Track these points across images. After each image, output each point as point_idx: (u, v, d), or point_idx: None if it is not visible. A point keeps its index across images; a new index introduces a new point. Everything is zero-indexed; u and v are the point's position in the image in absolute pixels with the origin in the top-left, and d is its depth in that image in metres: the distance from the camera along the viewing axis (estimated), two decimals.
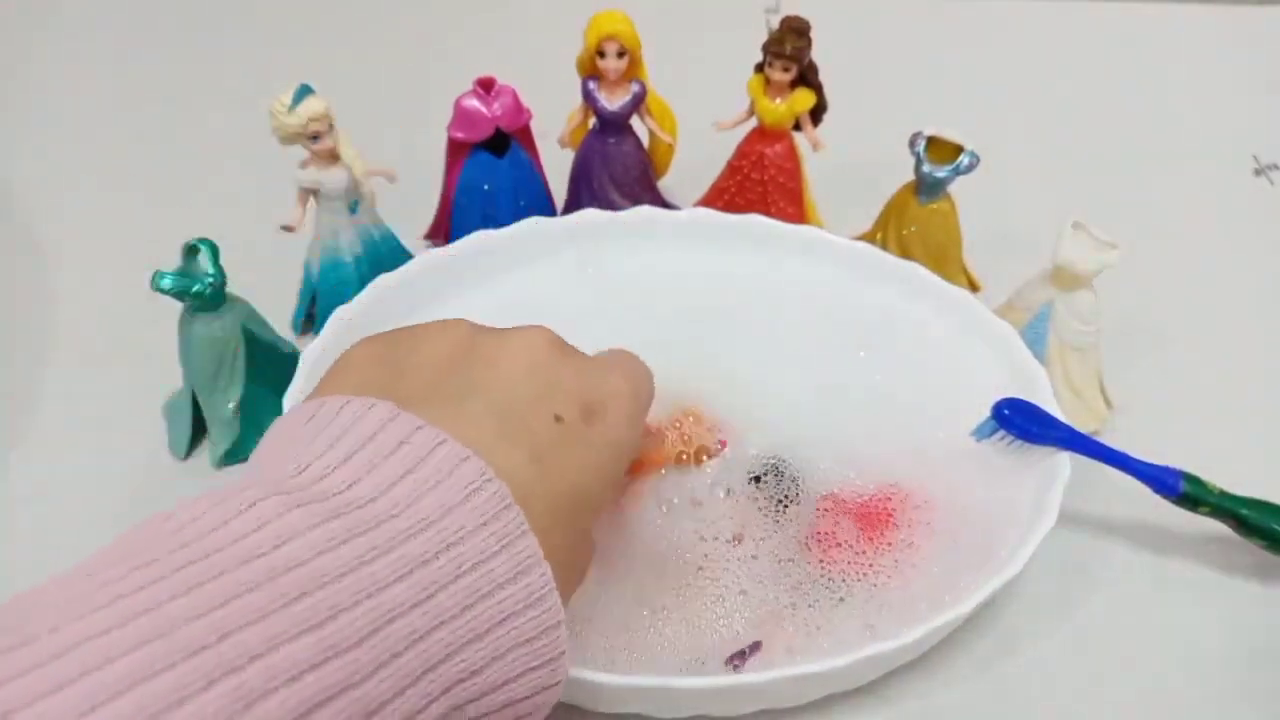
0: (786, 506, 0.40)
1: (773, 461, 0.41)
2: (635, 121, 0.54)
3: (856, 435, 0.43)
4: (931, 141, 0.49)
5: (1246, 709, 0.38)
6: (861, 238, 0.53)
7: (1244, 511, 0.37)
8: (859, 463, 0.42)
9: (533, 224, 0.49)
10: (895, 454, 0.42)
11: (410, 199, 0.55)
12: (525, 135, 0.54)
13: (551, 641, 0.25)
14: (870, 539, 0.39)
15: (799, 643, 0.36)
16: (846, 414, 0.43)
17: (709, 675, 0.34)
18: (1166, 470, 0.38)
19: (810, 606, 0.37)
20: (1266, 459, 0.47)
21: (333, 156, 0.47)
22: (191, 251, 0.43)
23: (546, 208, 0.56)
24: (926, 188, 0.50)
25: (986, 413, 0.41)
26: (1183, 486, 0.37)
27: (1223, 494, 0.38)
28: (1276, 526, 0.38)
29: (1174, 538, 0.44)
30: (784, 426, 0.43)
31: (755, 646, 0.36)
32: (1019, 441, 0.39)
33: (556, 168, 0.56)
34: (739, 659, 0.35)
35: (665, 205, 0.55)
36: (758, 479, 0.41)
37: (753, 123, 0.53)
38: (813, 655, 0.35)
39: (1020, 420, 0.39)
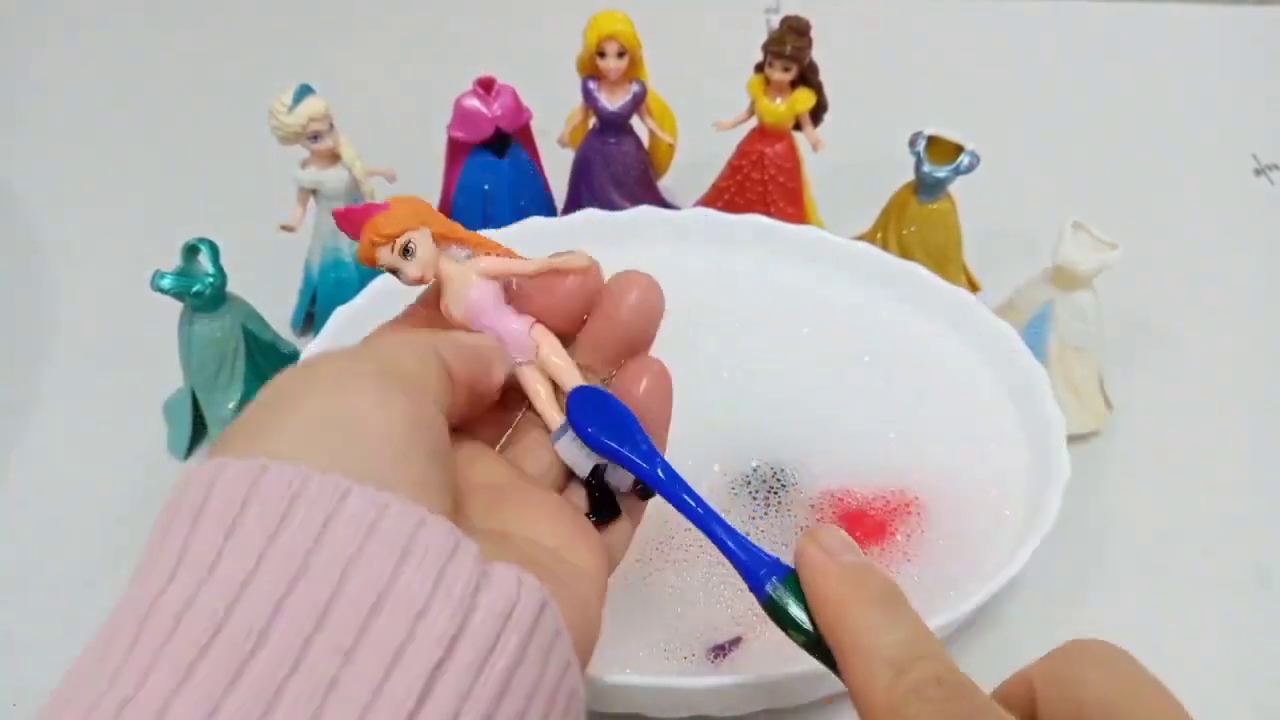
0: (781, 510, 0.40)
1: (769, 465, 0.41)
2: (635, 121, 0.54)
3: (855, 436, 0.43)
4: (932, 141, 0.49)
5: (1246, 709, 0.38)
6: (861, 238, 0.53)
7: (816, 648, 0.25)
8: (857, 464, 0.42)
9: (532, 224, 0.49)
10: (894, 454, 0.42)
11: None
12: (525, 135, 0.54)
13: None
14: (868, 541, 0.39)
15: (790, 641, 0.36)
16: (845, 414, 0.43)
17: (708, 675, 0.34)
18: (770, 560, 0.26)
19: None
20: (1266, 459, 0.47)
21: (333, 156, 0.47)
22: (191, 251, 0.43)
23: (546, 208, 0.55)
24: (927, 187, 0.50)
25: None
26: (769, 591, 0.25)
27: (803, 632, 0.25)
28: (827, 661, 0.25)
29: (1173, 538, 0.44)
30: (782, 427, 0.43)
31: (736, 642, 0.36)
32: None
33: (556, 168, 0.56)
34: (720, 652, 0.35)
35: (665, 205, 0.55)
36: (748, 481, 0.41)
37: (753, 122, 0.53)
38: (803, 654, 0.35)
39: (594, 427, 0.27)
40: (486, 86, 0.51)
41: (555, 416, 0.27)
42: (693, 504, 0.26)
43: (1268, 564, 0.43)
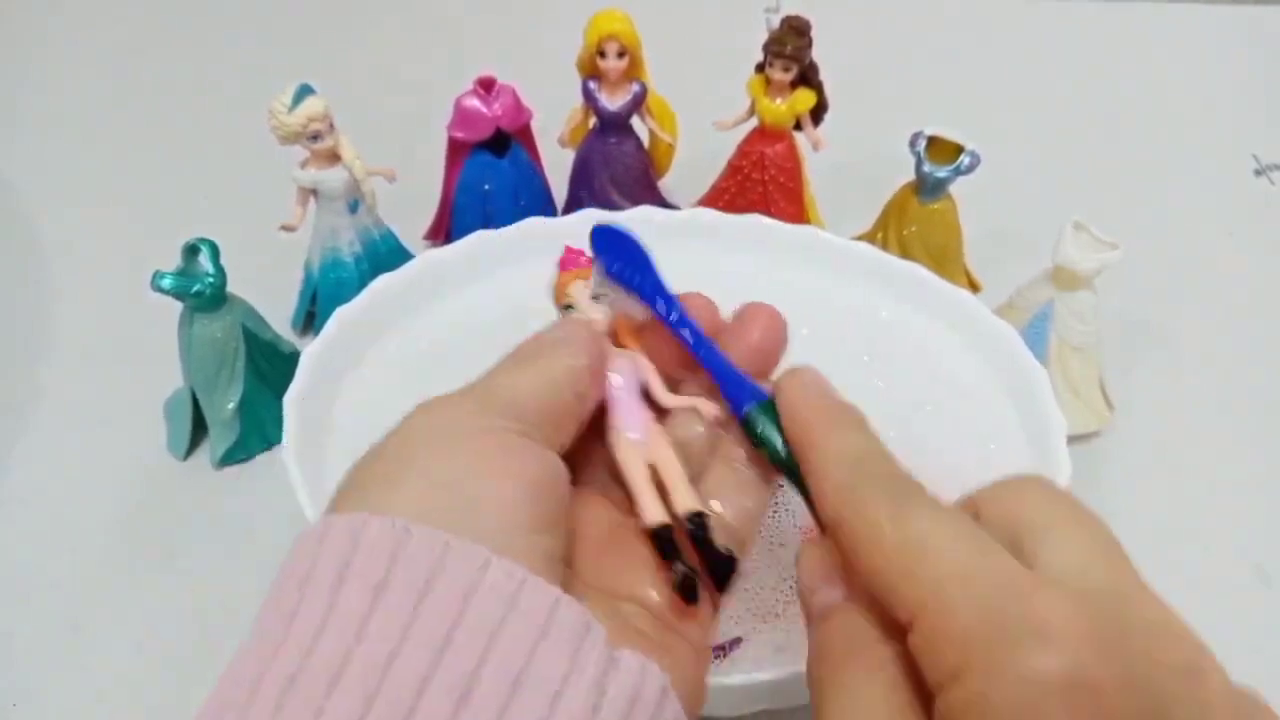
0: (780, 511, 0.40)
1: None
2: (636, 121, 0.54)
3: None
4: (932, 141, 0.49)
5: None
6: (862, 238, 0.53)
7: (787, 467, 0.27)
8: None
9: (533, 224, 0.49)
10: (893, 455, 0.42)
11: (410, 199, 0.55)
12: (525, 135, 0.54)
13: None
14: None
15: (790, 641, 0.36)
16: None
17: (708, 675, 0.34)
18: (751, 387, 0.28)
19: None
20: (1266, 459, 0.47)
21: (333, 156, 0.47)
22: (192, 251, 0.43)
23: (547, 208, 0.56)
24: (927, 188, 0.50)
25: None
26: (746, 410, 0.28)
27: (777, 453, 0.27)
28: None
29: (1174, 538, 0.44)
30: None
31: (736, 642, 0.36)
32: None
33: (557, 167, 0.56)
34: (720, 652, 0.35)
35: (665, 205, 0.55)
36: None
37: (753, 122, 0.53)
38: (803, 654, 0.35)
39: (615, 254, 0.30)
40: (487, 86, 0.51)
41: (654, 508, 0.25)
42: (690, 337, 0.29)
43: (1268, 564, 0.43)
